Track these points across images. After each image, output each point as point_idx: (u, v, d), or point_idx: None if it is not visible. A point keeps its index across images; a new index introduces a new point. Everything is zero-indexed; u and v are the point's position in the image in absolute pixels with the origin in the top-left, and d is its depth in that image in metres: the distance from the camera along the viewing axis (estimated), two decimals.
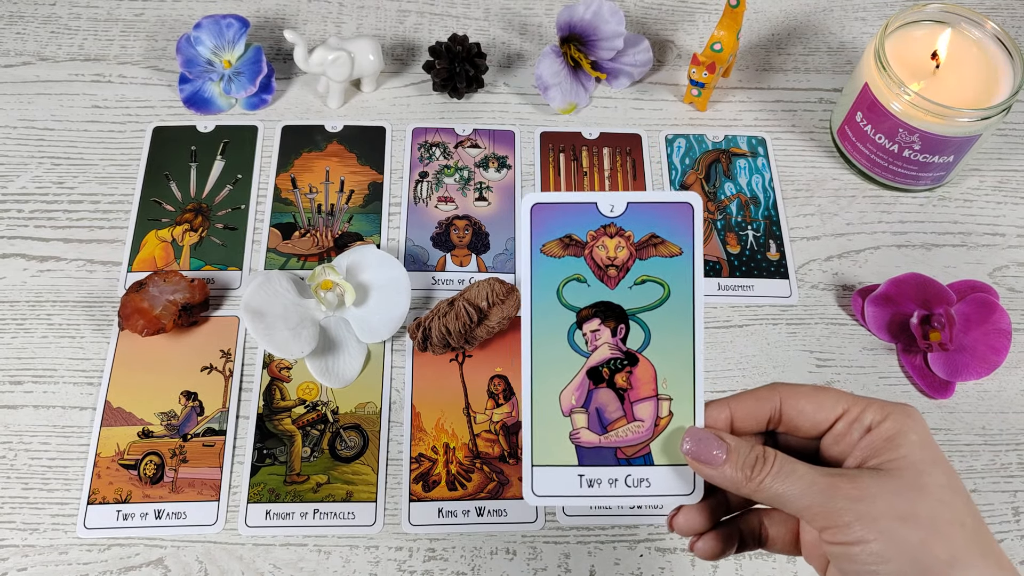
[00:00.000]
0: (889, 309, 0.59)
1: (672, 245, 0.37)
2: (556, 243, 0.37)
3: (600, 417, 0.37)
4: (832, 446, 0.35)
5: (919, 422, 0.34)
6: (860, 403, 0.34)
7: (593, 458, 0.36)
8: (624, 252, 0.37)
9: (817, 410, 0.35)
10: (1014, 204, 0.66)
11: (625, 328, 0.37)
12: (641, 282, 0.37)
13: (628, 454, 0.36)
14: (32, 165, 0.65)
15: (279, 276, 0.58)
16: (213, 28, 0.68)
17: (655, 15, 0.75)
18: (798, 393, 0.35)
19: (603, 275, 0.37)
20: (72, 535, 0.52)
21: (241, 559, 0.52)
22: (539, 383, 0.37)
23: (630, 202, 0.37)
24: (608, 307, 0.37)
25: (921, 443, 0.33)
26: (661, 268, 0.37)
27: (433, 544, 0.53)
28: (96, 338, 0.58)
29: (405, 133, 0.68)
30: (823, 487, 0.32)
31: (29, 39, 0.71)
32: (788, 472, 0.33)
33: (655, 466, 0.36)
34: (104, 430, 0.55)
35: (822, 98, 0.71)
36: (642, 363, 0.37)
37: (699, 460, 0.34)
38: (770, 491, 0.33)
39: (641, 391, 0.36)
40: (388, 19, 0.74)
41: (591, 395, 0.37)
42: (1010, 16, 0.75)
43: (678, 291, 0.36)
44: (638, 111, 0.70)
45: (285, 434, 0.56)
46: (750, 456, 0.34)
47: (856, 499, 0.32)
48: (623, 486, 0.36)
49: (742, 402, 0.36)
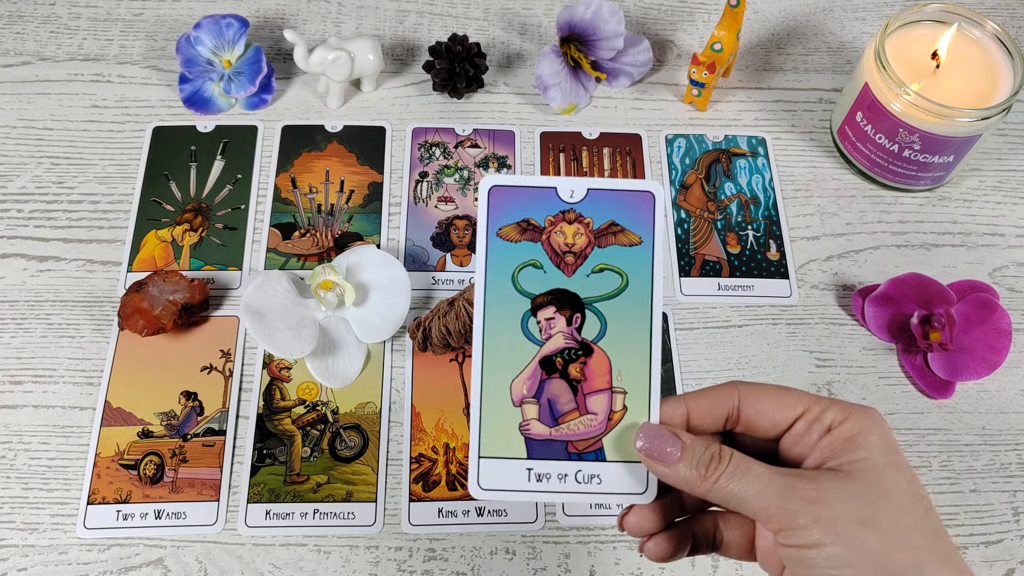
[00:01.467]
0: (889, 309, 0.59)
1: (632, 234, 0.36)
2: (513, 227, 0.36)
3: (552, 408, 0.35)
4: (791, 447, 0.34)
5: (881, 424, 0.33)
6: (821, 403, 0.33)
7: (543, 451, 0.35)
8: (583, 239, 0.36)
9: (777, 409, 0.34)
10: (1014, 204, 0.66)
11: (581, 317, 0.35)
12: (599, 270, 0.36)
13: (580, 448, 0.35)
14: (32, 165, 0.65)
15: (279, 276, 0.58)
16: (213, 28, 0.68)
17: (655, 15, 0.75)
18: (758, 391, 0.34)
19: (560, 261, 0.36)
20: (72, 535, 0.52)
21: (241, 559, 0.52)
22: (489, 371, 0.35)
23: (590, 188, 0.36)
24: (564, 295, 0.36)
25: (883, 446, 0.32)
26: (620, 257, 0.36)
27: (433, 544, 0.53)
28: (96, 338, 0.58)
29: (405, 133, 0.68)
30: (780, 487, 0.31)
31: (28, 39, 0.71)
32: (744, 471, 0.32)
33: (607, 462, 0.35)
34: (104, 430, 0.55)
35: (822, 98, 0.71)
36: (597, 354, 0.35)
37: (653, 457, 0.33)
38: (725, 491, 0.32)
39: (595, 383, 0.35)
40: (388, 19, 0.74)
41: (543, 385, 0.35)
42: (1010, 16, 0.75)
43: (636, 281, 0.35)
44: (638, 111, 0.70)
45: (285, 434, 0.56)
46: (705, 454, 0.32)
47: (814, 500, 0.30)
48: (573, 482, 0.35)
49: (700, 399, 0.35)
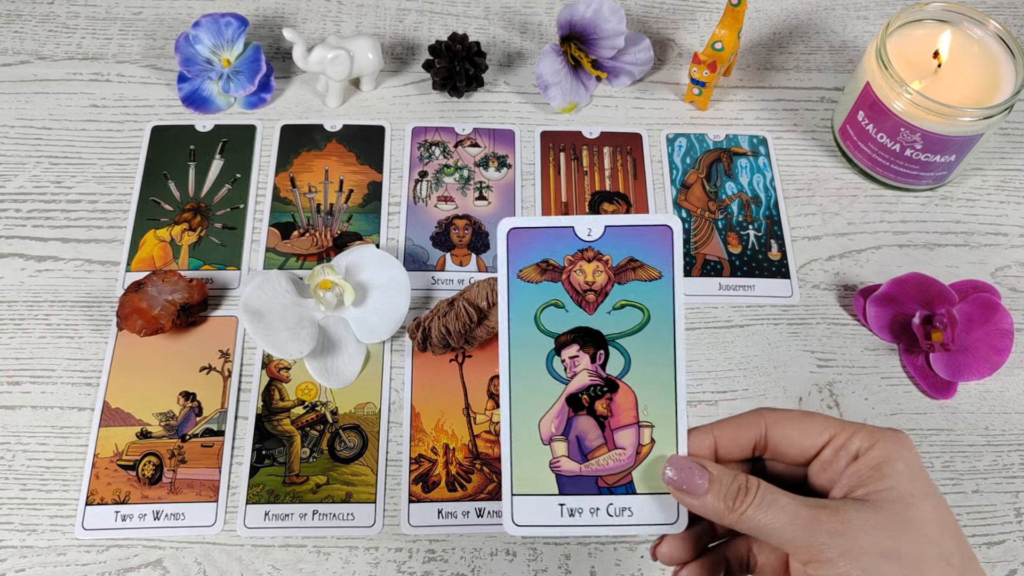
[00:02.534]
0: (891, 309, 0.59)
1: (651, 269, 0.36)
2: (533, 268, 0.36)
3: (580, 445, 0.36)
4: (819, 474, 0.34)
5: (909, 449, 0.33)
6: (848, 429, 0.33)
7: (574, 487, 0.36)
8: (602, 276, 0.36)
9: (803, 437, 0.34)
10: (1016, 203, 0.66)
11: (604, 354, 0.36)
12: (620, 307, 0.36)
13: (610, 483, 0.36)
14: (30, 164, 0.65)
15: (278, 276, 0.58)
16: (212, 27, 0.68)
17: (656, 14, 0.75)
18: (784, 419, 0.35)
19: (581, 300, 0.36)
20: (70, 536, 0.52)
21: (240, 560, 0.52)
22: (518, 411, 0.36)
23: (608, 226, 0.36)
24: (587, 333, 0.36)
25: (909, 473, 0.32)
26: (640, 292, 0.36)
27: (433, 545, 0.52)
28: (94, 338, 0.58)
29: (404, 132, 0.68)
30: (805, 520, 0.31)
31: (27, 38, 0.71)
32: (770, 503, 0.32)
33: (637, 495, 0.36)
34: (102, 431, 0.55)
35: (824, 97, 0.70)
36: (622, 390, 0.36)
37: (681, 489, 0.34)
38: (752, 522, 0.32)
39: (622, 418, 0.36)
40: (387, 18, 0.74)
41: (571, 423, 0.36)
42: (1012, 15, 0.75)
43: (658, 315, 0.36)
44: (639, 110, 0.69)
45: (284, 435, 0.55)
46: (732, 486, 0.33)
47: (838, 533, 0.31)
48: (605, 515, 0.36)
49: (726, 429, 0.35)
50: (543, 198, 0.65)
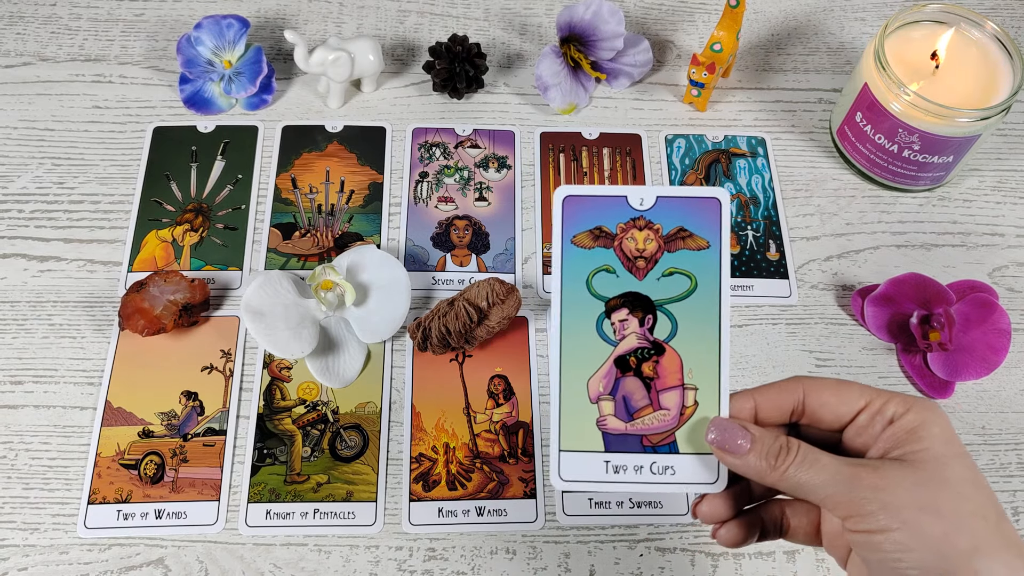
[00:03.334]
0: (889, 309, 0.59)
1: (700, 239, 0.37)
2: (586, 234, 0.38)
3: (627, 405, 0.37)
4: (855, 438, 0.35)
5: (941, 416, 0.34)
6: (883, 396, 0.35)
7: (619, 445, 0.37)
8: (653, 244, 0.38)
9: (840, 403, 0.35)
10: (1013, 204, 0.66)
11: (652, 318, 0.37)
12: (669, 274, 0.37)
13: (654, 442, 0.37)
14: (33, 165, 0.65)
15: (279, 276, 0.58)
16: (213, 28, 0.68)
17: (655, 15, 0.75)
18: (821, 386, 0.36)
19: (632, 266, 0.38)
20: (73, 535, 0.52)
21: (242, 559, 0.52)
22: (567, 370, 0.37)
23: (660, 196, 0.38)
24: (636, 297, 0.37)
25: (943, 436, 0.33)
26: (688, 261, 0.37)
27: (433, 544, 0.53)
28: (96, 338, 0.59)
29: (405, 133, 0.68)
30: (846, 476, 0.33)
31: (29, 39, 0.72)
32: (812, 461, 0.33)
33: (680, 454, 0.37)
34: (104, 430, 0.55)
35: (822, 98, 0.71)
36: (669, 353, 0.37)
37: (724, 449, 0.35)
38: (793, 480, 0.34)
39: (667, 380, 0.37)
40: (388, 19, 0.74)
41: (618, 383, 0.37)
42: (1010, 16, 0.76)
43: (705, 283, 0.37)
44: (638, 111, 0.70)
45: (285, 434, 0.56)
46: (774, 445, 0.34)
47: (879, 488, 0.32)
48: (648, 473, 0.37)
49: (766, 394, 0.37)
50: (543, 199, 0.65)
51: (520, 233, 0.64)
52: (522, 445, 0.56)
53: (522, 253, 0.63)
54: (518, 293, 0.57)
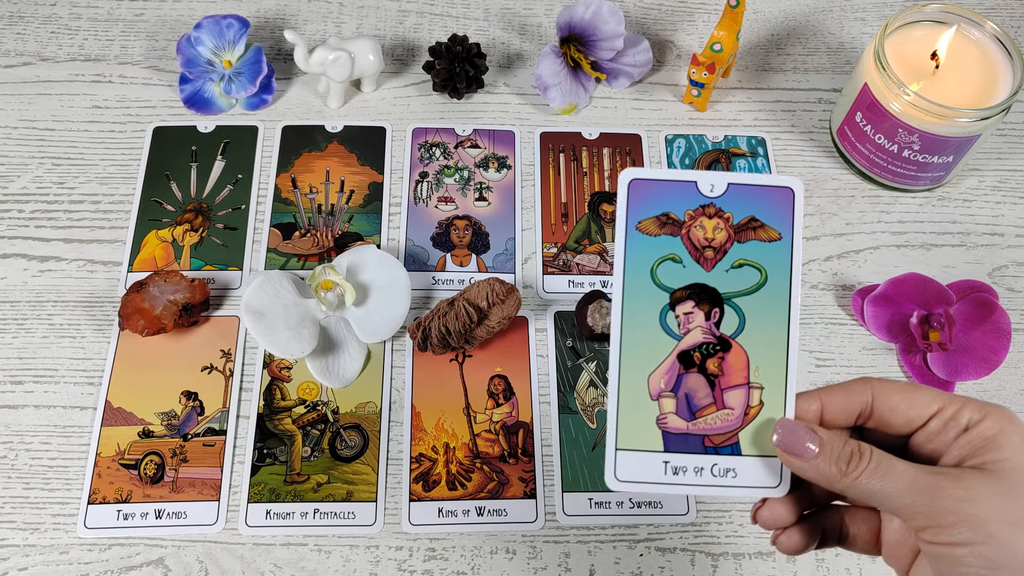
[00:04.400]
0: (889, 309, 0.59)
1: (771, 230, 0.36)
2: (652, 221, 0.36)
3: (689, 403, 0.35)
4: (924, 444, 0.34)
5: (1020, 425, 0.33)
6: (956, 401, 0.33)
7: (680, 445, 0.35)
8: (722, 234, 0.36)
9: (910, 407, 0.34)
10: (1013, 204, 0.66)
11: (719, 312, 0.35)
12: (738, 266, 0.36)
13: (716, 442, 0.35)
14: (33, 165, 0.65)
15: (279, 276, 0.58)
16: (213, 28, 0.68)
17: (655, 15, 0.75)
18: (891, 389, 0.34)
19: (699, 256, 0.36)
20: (73, 535, 0.52)
21: (242, 559, 0.52)
22: (627, 364, 0.35)
23: (731, 183, 0.36)
24: (703, 289, 0.35)
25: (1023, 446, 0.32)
26: (759, 253, 0.35)
27: (433, 544, 0.53)
28: (97, 338, 0.59)
29: (405, 133, 0.68)
30: (926, 485, 0.31)
31: (29, 39, 0.72)
32: (887, 469, 0.32)
33: (743, 456, 0.35)
34: (105, 430, 0.55)
35: (821, 98, 0.71)
36: (735, 349, 0.35)
37: (790, 452, 0.33)
38: (866, 487, 0.32)
39: (732, 378, 0.35)
40: (388, 19, 0.74)
41: (681, 380, 0.35)
42: (1009, 16, 0.76)
43: (775, 277, 0.35)
44: (638, 111, 0.70)
45: (285, 434, 0.56)
46: (844, 451, 0.33)
47: (963, 499, 0.31)
48: (709, 475, 0.35)
49: (833, 395, 0.35)
50: (543, 199, 0.65)
51: (520, 233, 0.64)
52: (522, 445, 0.56)
53: (522, 253, 0.63)
54: (518, 293, 0.57)
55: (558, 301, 0.61)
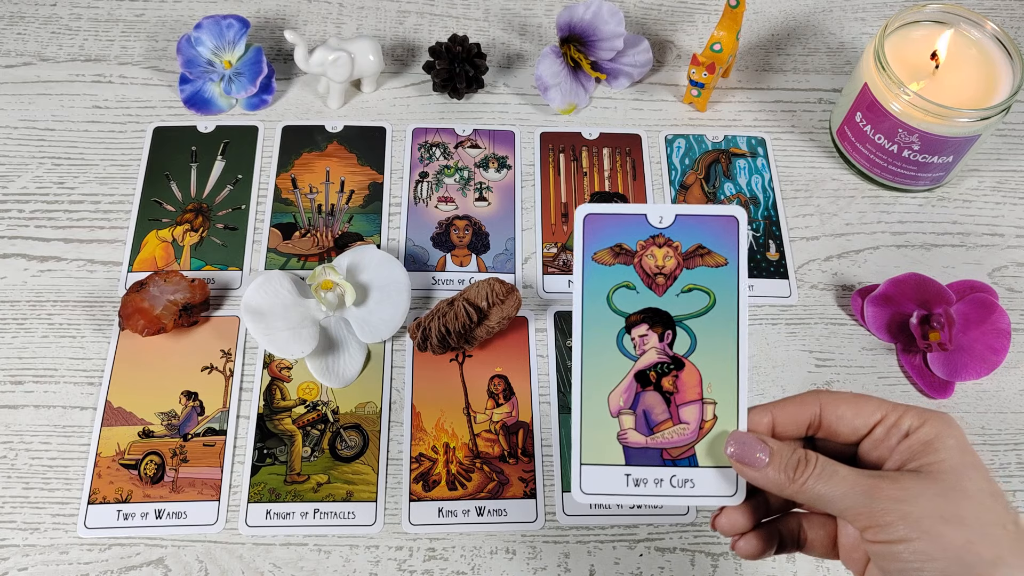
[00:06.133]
0: (888, 309, 0.59)
1: (718, 256, 0.38)
2: (607, 252, 0.39)
3: (647, 419, 0.38)
4: (871, 451, 0.36)
5: (956, 428, 0.34)
6: (898, 409, 0.35)
7: (640, 458, 0.38)
8: (672, 261, 0.38)
9: (856, 416, 0.36)
10: (1013, 204, 0.66)
11: (672, 334, 0.38)
12: (688, 290, 0.38)
13: (674, 455, 0.38)
14: (33, 165, 0.65)
15: (279, 276, 0.58)
16: (213, 29, 0.68)
17: (655, 16, 0.75)
18: (838, 399, 0.36)
19: (651, 283, 0.38)
20: (73, 535, 0.52)
21: (241, 559, 0.52)
22: (588, 385, 0.38)
23: (678, 214, 0.38)
24: (656, 313, 0.38)
25: (959, 448, 0.34)
26: (707, 277, 0.38)
27: (433, 544, 0.53)
28: (97, 338, 0.59)
29: (405, 133, 0.68)
30: (865, 488, 0.33)
31: (30, 39, 0.72)
32: (830, 474, 0.34)
33: (700, 467, 0.37)
34: (105, 430, 0.55)
35: (821, 98, 0.71)
36: (688, 368, 0.38)
37: (742, 462, 0.35)
38: (812, 492, 0.34)
39: (687, 395, 0.38)
40: (388, 20, 0.74)
41: (638, 397, 0.38)
42: (1009, 16, 0.76)
43: (723, 299, 0.38)
44: (638, 111, 0.70)
45: (285, 434, 0.56)
46: (792, 458, 0.35)
47: (899, 500, 0.32)
48: (668, 486, 0.37)
49: (784, 408, 0.37)
50: (543, 199, 0.65)
51: (520, 233, 0.64)
52: (522, 445, 0.56)
53: (522, 253, 0.63)
54: (518, 293, 0.58)
55: (558, 301, 0.61)
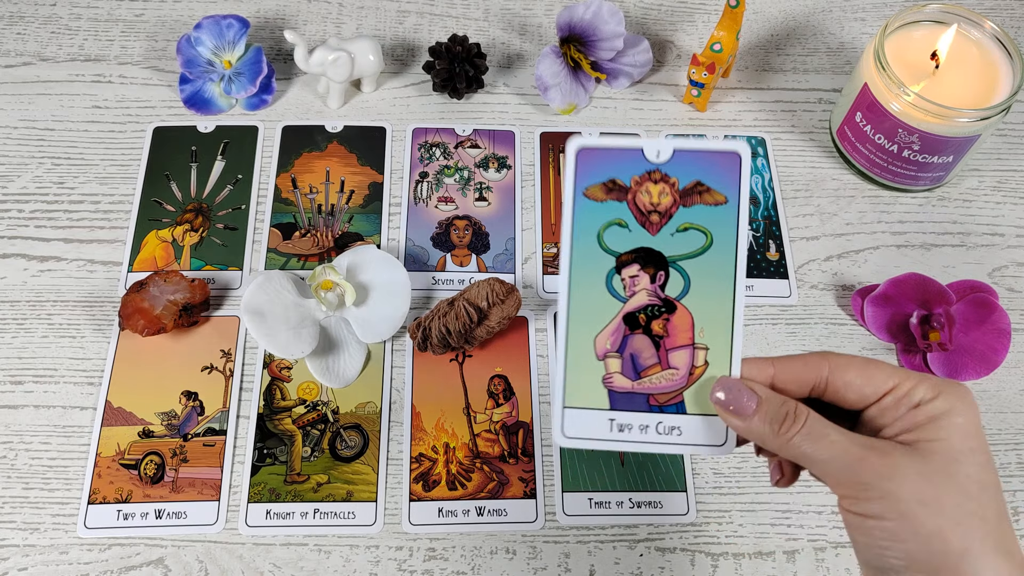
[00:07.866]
0: (889, 309, 0.59)
1: (717, 193, 0.36)
2: (599, 187, 0.36)
3: (634, 363, 0.36)
4: (875, 417, 0.34)
5: (970, 407, 0.33)
6: (912, 379, 0.33)
7: (625, 403, 0.36)
8: (668, 198, 0.36)
9: (866, 383, 0.34)
10: (1013, 204, 0.66)
11: (664, 275, 0.36)
12: (683, 229, 0.36)
13: (661, 401, 0.36)
14: (33, 165, 0.65)
15: (279, 276, 0.58)
16: (213, 28, 0.68)
17: (655, 15, 0.75)
18: (849, 364, 0.35)
19: (645, 221, 0.36)
20: (73, 535, 0.52)
21: (241, 559, 0.52)
22: (574, 325, 0.36)
23: (677, 149, 0.36)
24: (648, 253, 0.36)
25: (965, 429, 0.32)
26: (705, 216, 0.36)
27: (433, 544, 0.53)
28: (97, 338, 0.59)
29: (405, 133, 0.68)
30: (854, 457, 0.32)
31: (30, 39, 0.72)
32: (819, 435, 0.33)
33: (688, 415, 0.36)
34: (105, 430, 0.55)
35: (821, 98, 0.71)
36: (680, 311, 0.36)
37: (728, 410, 0.34)
38: (797, 450, 0.33)
39: (677, 339, 0.36)
40: (388, 19, 0.74)
41: (626, 340, 0.36)
42: (1009, 16, 0.76)
43: (721, 240, 0.36)
44: (638, 111, 0.70)
45: (285, 434, 0.56)
46: (780, 411, 0.33)
47: (884, 476, 0.31)
48: (654, 433, 0.36)
49: (789, 364, 0.35)
50: (543, 199, 0.65)
51: (520, 233, 0.64)
52: (522, 445, 0.56)
53: (522, 253, 0.63)
54: (518, 293, 0.57)
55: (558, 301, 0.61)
